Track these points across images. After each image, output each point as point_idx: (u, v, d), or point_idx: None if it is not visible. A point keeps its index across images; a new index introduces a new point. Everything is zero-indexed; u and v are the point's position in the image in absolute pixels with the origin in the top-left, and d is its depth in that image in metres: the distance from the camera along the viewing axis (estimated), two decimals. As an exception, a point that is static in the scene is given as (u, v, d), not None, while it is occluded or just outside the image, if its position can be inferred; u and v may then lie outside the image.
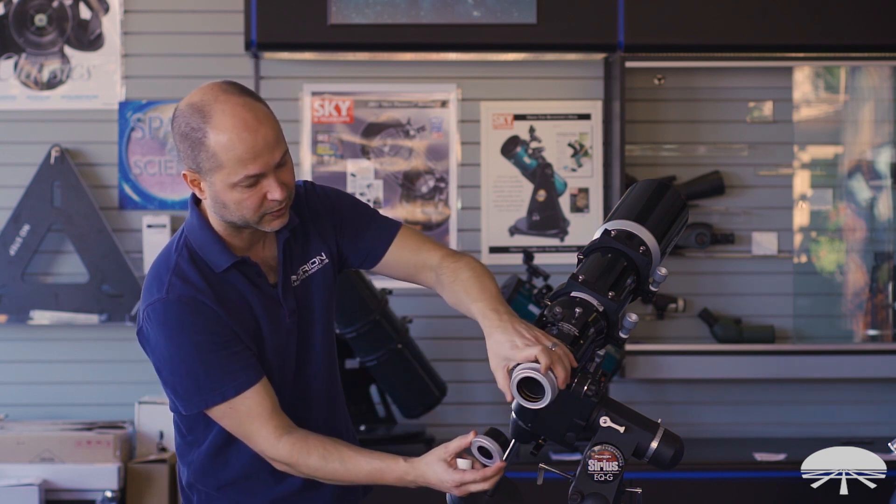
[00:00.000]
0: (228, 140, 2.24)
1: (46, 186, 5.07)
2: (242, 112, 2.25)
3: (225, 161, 2.25)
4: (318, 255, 2.49)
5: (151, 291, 2.36)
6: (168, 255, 2.40)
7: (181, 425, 2.49)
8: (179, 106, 2.31)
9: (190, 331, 2.31)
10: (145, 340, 2.37)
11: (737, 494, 4.69)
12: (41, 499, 4.61)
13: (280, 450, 2.33)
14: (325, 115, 5.15)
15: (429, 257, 2.49)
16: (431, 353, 4.99)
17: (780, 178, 5.25)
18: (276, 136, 2.29)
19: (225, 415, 2.34)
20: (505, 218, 5.20)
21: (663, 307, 5.17)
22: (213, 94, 2.28)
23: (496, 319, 2.23)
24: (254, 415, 2.32)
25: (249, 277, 2.40)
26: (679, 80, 5.22)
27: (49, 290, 5.10)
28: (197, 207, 2.42)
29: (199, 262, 2.37)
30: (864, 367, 5.04)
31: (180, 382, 2.34)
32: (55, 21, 5.16)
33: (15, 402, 5.14)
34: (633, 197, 2.39)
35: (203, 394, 2.33)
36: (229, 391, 2.32)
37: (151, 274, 2.40)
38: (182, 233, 2.43)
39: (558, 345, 2.13)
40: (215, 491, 2.48)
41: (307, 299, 2.47)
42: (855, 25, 4.94)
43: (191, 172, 2.32)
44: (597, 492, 2.11)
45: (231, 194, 2.29)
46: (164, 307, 2.32)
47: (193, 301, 2.32)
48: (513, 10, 4.91)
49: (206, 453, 2.45)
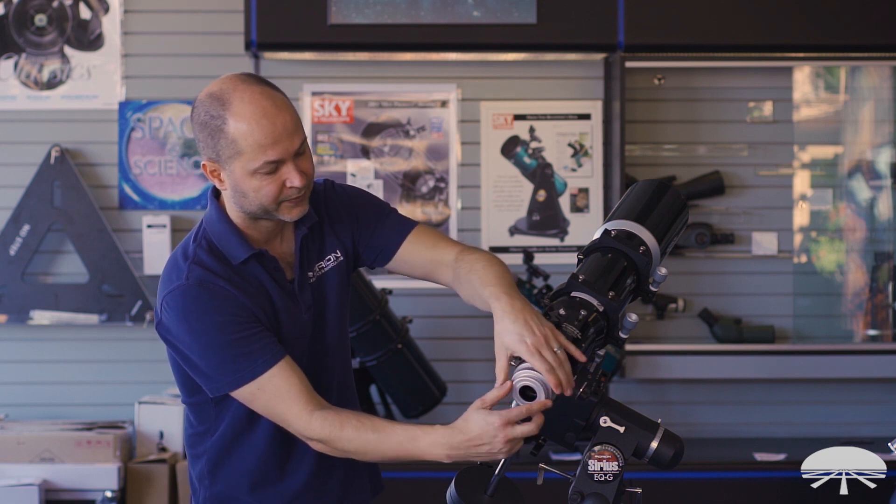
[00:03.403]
0: (248, 127, 2.27)
1: (46, 186, 5.07)
2: (261, 99, 2.28)
3: (244, 147, 2.28)
4: (334, 252, 2.51)
5: (170, 280, 2.37)
6: (186, 246, 2.42)
7: (191, 416, 2.49)
8: (199, 96, 2.34)
9: (212, 312, 2.32)
10: (166, 331, 2.37)
11: (737, 494, 4.69)
12: (41, 499, 4.61)
13: (313, 424, 2.31)
14: (325, 115, 5.16)
15: (445, 254, 2.50)
16: (431, 353, 4.99)
17: (780, 178, 5.25)
18: (294, 124, 2.31)
19: (255, 396, 2.33)
20: (505, 218, 5.20)
21: (663, 307, 5.17)
22: (232, 84, 2.31)
23: (508, 304, 2.23)
24: (282, 392, 2.32)
25: (268, 270, 2.42)
26: (679, 80, 5.22)
27: (49, 290, 5.10)
28: (216, 200, 2.44)
29: (218, 253, 2.39)
30: (864, 367, 5.04)
31: (208, 364, 2.34)
32: (55, 21, 5.16)
33: (15, 402, 5.14)
34: (633, 197, 2.39)
35: (233, 373, 2.32)
36: (259, 367, 2.31)
37: (169, 265, 2.41)
38: (201, 225, 2.45)
39: (562, 347, 2.14)
40: (224, 485, 2.48)
41: (322, 296, 2.49)
42: (855, 25, 4.94)
43: (210, 162, 2.35)
44: (597, 492, 2.11)
45: (250, 181, 2.31)
46: (183, 292, 2.33)
47: (213, 284, 2.34)
48: (513, 10, 4.91)
49: (220, 443, 2.46)
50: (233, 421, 2.43)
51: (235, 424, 2.43)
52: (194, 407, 2.47)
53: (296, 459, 2.47)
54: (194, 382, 2.41)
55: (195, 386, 2.42)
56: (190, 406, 2.49)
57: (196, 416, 2.48)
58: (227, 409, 2.42)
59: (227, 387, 2.34)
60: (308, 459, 2.47)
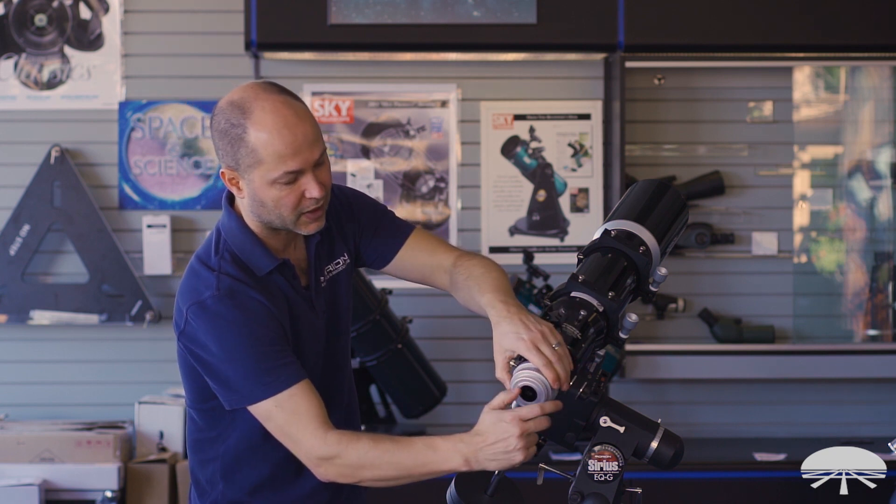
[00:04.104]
0: (268, 136, 2.26)
1: (46, 186, 5.07)
2: (283, 109, 2.28)
3: (264, 157, 2.27)
4: (342, 255, 2.52)
5: (197, 290, 2.34)
6: (207, 257, 2.39)
7: (200, 421, 2.47)
8: (219, 104, 2.33)
9: (244, 323, 2.30)
10: (190, 340, 2.34)
11: (737, 494, 4.69)
12: (41, 499, 4.61)
13: (329, 439, 2.27)
14: (325, 115, 5.15)
15: (443, 259, 2.51)
16: (431, 353, 4.99)
17: (780, 178, 5.25)
18: (315, 135, 2.31)
19: (271, 414, 2.30)
20: (505, 218, 5.20)
21: (663, 307, 5.17)
22: (253, 92, 2.30)
23: (504, 310, 2.24)
24: (301, 412, 2.29)
25: (287, 279, 2.41)
26: (679, 80, 5.22)
27: (49, 290, 5.10)
28: (232, 208, 2.43)
29: (242, 265, 2.37)
30: (864, 367, 5.04)
31: (234, 375, 2.31)
32: (55, 21, 5.16)
33: (15, 402, 5.14)
34: (633, 197, 2.39)
35: (256, 386, 2.29)
36: (282, 384, 2.29)
37: (191, 276, 2.38)
38: (219, 235, 2.42)
39: (561, 344, 2.14)
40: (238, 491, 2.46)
41: (334, 300, 2.50)
42: (855, 25, 4.94)
43: (229, 170, 2.34)
44: (597, 492, 2.11)
45: (270, 191, 2.30)
46: (215, 301, 2.31)
47: (244, 295, 2.32)
48: (513, 10, 4.91)
49: (235, 449, 2.44)
50: (249, 428, 2.40)
51: (252, 432, 2.40)
52: (205, 413, 2.44)
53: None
54: (208, 389, 2.39)
55: (209, 393, 2.40)
56: (200, 411, 2.46)
57: (206, 421, 2.46)
58: (242, 417, 2.39)
59: (247, 400, 2.31)
60: None
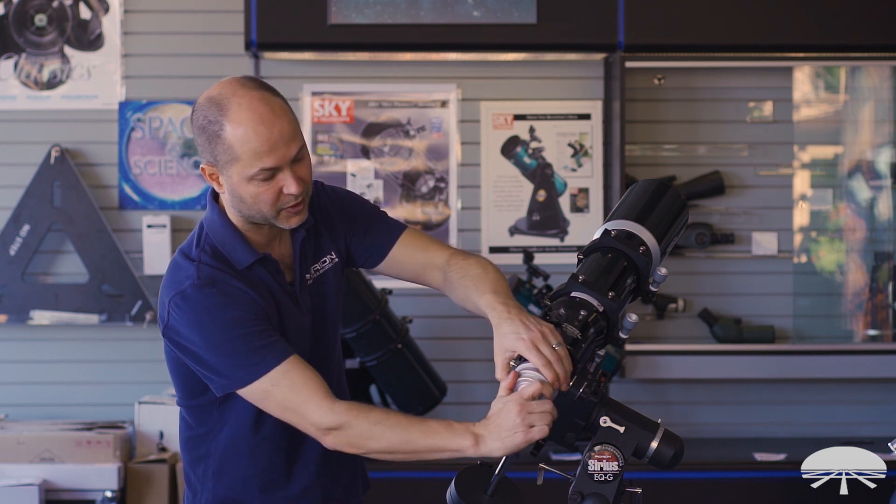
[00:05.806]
0: (244, 133, 2.26)
1: (46, 186, 5.07)
2: (259, 106, 2.28)
3: (241, 154, 2.28)
4: (329, 254, 2.51)
5: (178, 282, 2.35)
6: (189, 250, 2.41)
7: (189, 418, 2.47)
8: (199, 99, 2.34)
9: (224, 308, 2.30)
10: (174, 333, 2.35)
11: (737, 494, 4.69)
12: (41, 499, 4.61)
13: (337, 410, 2.26)
14: (325, 115, 5.15)
15: (436, 256, 2.51)
16: (431, 353, 4.99)
17: (780, 178, 5.25)
18: (292, 131, 2.31)
19: (268, 393, 2.29)
20: (505, 218, 5.20)
21: (663, 307, 5.17)
22: (230, 88, 2.30)
23: (504, 312, 2.24)
24: (299, 384, 2.28)
25: (271, 273, 2.42)
26: (679, 80, 5.22)
27: (49, 290, 5.10)
28: (216, 203, 2.44)
29: (222, 258, 2.38)
30: (864, 367, 5.04)
31: (221, 360, 2.31)
32: (55, 21, 5.16)
33: (15, 402, 5.14)
34: (633, 197, 2.39)
35: (246, 367, 2.29)
36: (272, 361, 2.28)
37: (172, 269, 2.40)
38: (202, 229, 2.43)
39: (561, 344, 2.14)
40: (230, 488, 2.46)
41: (320, 298, 2.49)
42: (855, 25, 4.94)
43: (209, 166, 2.35)
44: (597, 492, 2.11)
45: (247, 188, 2.31)
46: (195, 290, 2.32)
47: (227, 283, 2.33)
48: (513, 10, 4.91)
49: (226, 445, 2.44)
50: (238, 423, 2.41)
51: (241, 427, 2.41)
52: (194, 409, 2.45)
53: (302, 463, 2.47)
54: (197, 385, 2.39)
55: (197, 388, 2.40)
56: (189, 408, 2.46)
57: (195, 418, 2.46)
58: (231, 412, 2.41)
59: (239, 383, 2.31)
60: (313, 462, 2.47)
